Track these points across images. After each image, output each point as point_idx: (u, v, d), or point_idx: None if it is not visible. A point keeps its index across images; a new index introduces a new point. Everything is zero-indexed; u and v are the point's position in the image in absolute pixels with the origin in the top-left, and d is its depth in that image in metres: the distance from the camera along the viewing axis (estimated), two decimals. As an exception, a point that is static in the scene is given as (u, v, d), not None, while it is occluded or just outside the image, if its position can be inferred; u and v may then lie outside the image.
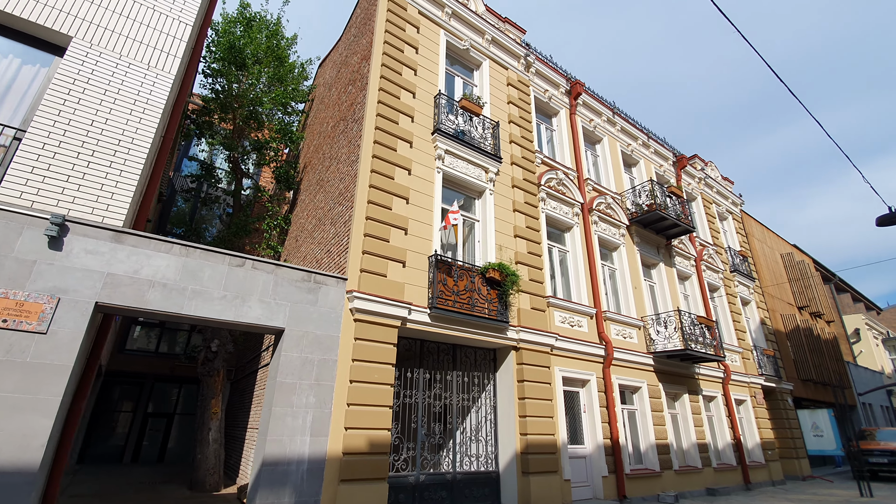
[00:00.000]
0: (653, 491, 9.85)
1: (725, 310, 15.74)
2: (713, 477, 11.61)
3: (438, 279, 7.87)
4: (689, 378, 12.48)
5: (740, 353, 15.01)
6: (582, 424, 9.54)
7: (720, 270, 16.25)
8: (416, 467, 7.32)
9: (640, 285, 12.53)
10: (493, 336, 8.37)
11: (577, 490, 8.72)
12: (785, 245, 23.47)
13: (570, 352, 9.64)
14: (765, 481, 13.34)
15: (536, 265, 9.73)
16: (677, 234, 13.89)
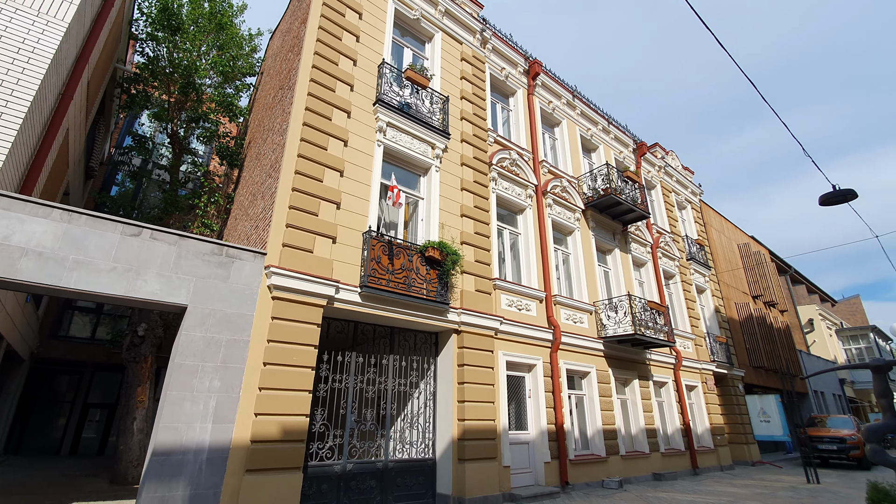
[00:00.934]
0: (597, 476, 9.72)
1: (680, 297, 15.83)
2: (660, 462, 11.62)
3: (372, 257, 7.39)
4: (640, 363, 12.43)
5: (693, 340, 15.14)
6: (526, 410, 9.29)
7: (676, 258, 16.33)
8: (343, 456, 6.88)
9: (594, 270, 12.36)
10: (432, 318, 7.97)
11: (518, 476, 8.47)
12: (742, 236, 23.95)
13: (517, 336, 9.35)
14: (713, 466, 13.51)
15: (483, 246, 9.36)
16: (633, 219, 13.79)
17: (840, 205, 7.33)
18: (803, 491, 10.04)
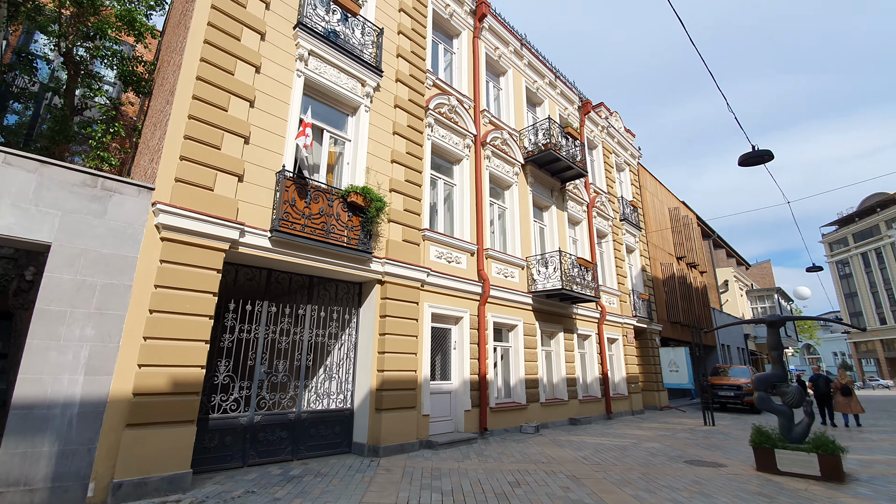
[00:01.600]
0: (517, 423, 10.13)
1: (611, 256, 16.42)
2: (578, 408, 12.34)
3: (286, 199, 6.77)
4: (567, 317, 12.88)
5: (619, 297, 15.89)
6: (450, 361, 9.33)
7: (610, 218, 16.78)
8: (250, 408, 6.55)
9: (530, 226, 12.38)
10: (354, 268, 7.57)
11: (438, 424, 8.59)
12: (674, 200, 25.10)
13: (445, 288, 9.21)
14: (626, 411, 14.62)
15: (414, 195, 8.94)
16: (571, 177, 13.83)
17: (757, 165, 7.56)
18: (700, 432, 11.06)
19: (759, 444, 6.73)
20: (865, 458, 7.75)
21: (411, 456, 7.18)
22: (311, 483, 5.54)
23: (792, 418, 6.83)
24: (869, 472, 6.61)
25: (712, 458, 7.53)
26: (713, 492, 5.45)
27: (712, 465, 6.99)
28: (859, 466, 7.05)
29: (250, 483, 5.47)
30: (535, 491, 5.37)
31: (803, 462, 6.30)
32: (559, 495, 5.20)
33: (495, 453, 7.60)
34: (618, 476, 6.19)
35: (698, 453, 8.03)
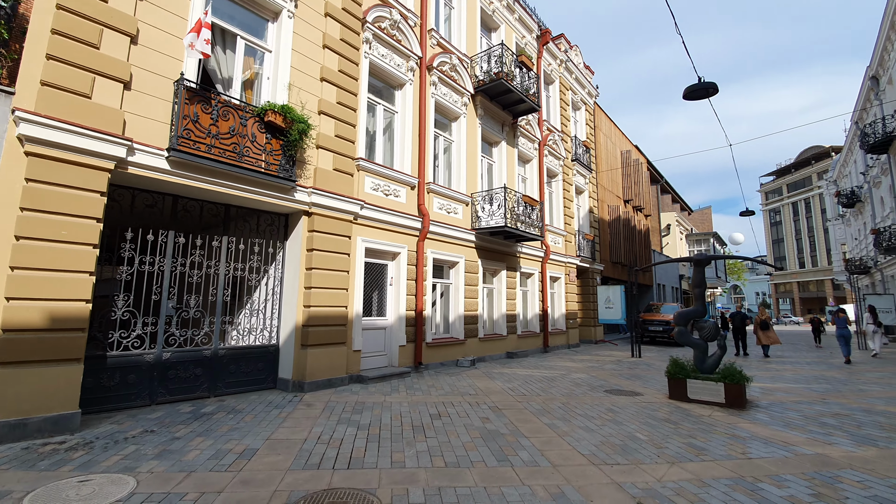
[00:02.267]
0: (453, 357, 10.27)
1: (559, 196, 16.38)
2: (516, 343, 12.72)
3: (187, 114, 5.90)
4: (511, 255, 12.89)
5: (564, 236, 16.08)
6: (387, 297, 9.11)
7: (562, 158, 16.55)
8: (157, 344, 6.07)
9: (477, 162, 11.90)
10: (275, 197, 6.91)
11: (372, 359, 8.50)
12: (627, 143, 25.17)
13: (381, 222, 8.76)
14: (562, 345, 15.32)
15: (347, 120, 8.16)
16: (524, 111, 13.25)
17: (702, 98, 7.34)
18: (626, 363, 11.73)
19: (674, 374, 7.09)
20: (768, 387, 8.44)
21: (339, 391, 7.07)
22: (221, 420, 5.28)
23: (706, 351, 7.20)
24: (769, 399, 7.18)
25: (631, 388, 7.94)
26: (624, 419, 5.69)
27: (630, 394, 7.36)
28: (761, 394, 7.65)
29: (153, 422, 5.13)
30: (454, 422, 5.38)
31: (711, 390, 6.71)
32: (477, 426, 5.24)
33: (425, 386, 7.64)
34: (539, 406, 6.35)
35: (620, 383, 8.46)
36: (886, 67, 19.07)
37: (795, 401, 7.05)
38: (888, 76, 19.12)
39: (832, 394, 7.68)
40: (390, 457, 4.17)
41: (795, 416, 5.94)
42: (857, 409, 6.39)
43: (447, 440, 4.69)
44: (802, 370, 11.04)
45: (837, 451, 4.43)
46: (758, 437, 4.97)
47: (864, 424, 5.52)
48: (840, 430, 5.23)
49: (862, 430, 5.23)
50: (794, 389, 8.09)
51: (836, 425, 5.48)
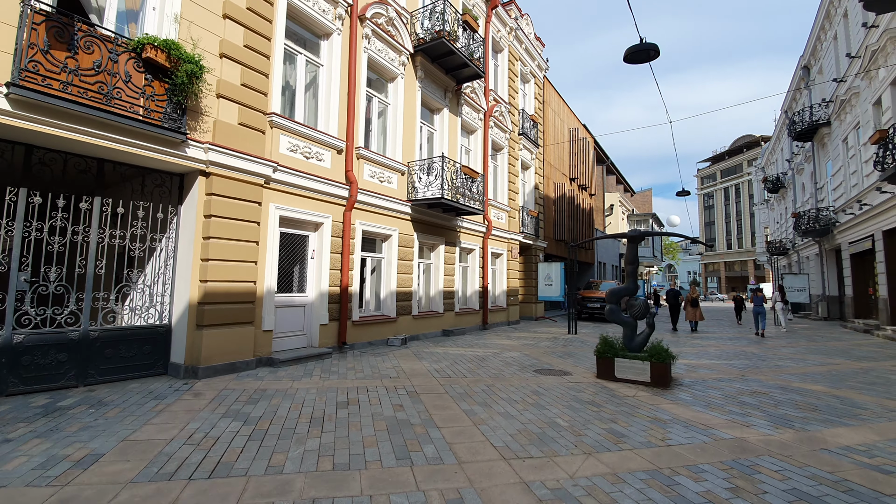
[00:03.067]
0: (384, 335, 9.68)
1: (504, 170, 15.94)
2: (453, 320, 12.33)
3: (35, 42, 4.70)
4: (450, 230, 12.34)
5: (508, 212, 15.73)
6: (307, 271, 8.29)
7: (508, 131, 16.04)
8: (5, 325, 4.98)
9: (416, 128, 11.09)
10: (157, 151, 5.84)
11: (287, 340, 7.72)
12: (575, 121, 25.12)
13: (300, 188, 7.85)
14: (502, 322, 15.16)
15: (258, 68, 7.09)
16: (468, 77, 12.50)
17: (643, 62, 6.95)
18: (561, 340, 11.67)
19: (602, 353, 6.89)
20: (693, 363, 8.53)
21: (241, 377, 6.27)
22: (77, 416, 4.38)
23: (635, 329, 7.04)
24: (692, 377, 7.17)
25: (561, 367, 7.72)
26: (548, 402, 5.36)
27: (559, 374, 7.11)
28: (686, 371, 7.67)
29: (-19, 421, 4.15)
30: (362, 412, 4.80)
31: (638, 369, 6.56)
32: (386, 416, 4.69)
33: (344, 369, 7.00)
34: (461, 389, 5.91)
35: (551, 362, 8.24)
36: (818, 57, 19.93)
37: (717, 378, 7.08)
38: (819, 66, 20.01)
39: (751, 370, 7.84)
40: (269, 459, 3.52)
41: (716, 395, 5.88)
42: (774, 387, 6.47)
43: (346, 435, 4.10)
44: (725, 346, 11.45)
45: (755, 435, 4.28)
46: (679, 419, 4.78)
47: (780, 403, 5.51)
48: (758, 410, 5.16)
49: (779, 410, 5.19)
50: (717, 366, 8.21)
51: (755, 404, 5.43)
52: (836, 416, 4.94)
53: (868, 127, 14.20)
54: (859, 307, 17.46)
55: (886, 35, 11.70)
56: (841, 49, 16.64)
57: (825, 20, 18.00)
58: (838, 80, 16.78)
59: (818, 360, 8.91)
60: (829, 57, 18.38)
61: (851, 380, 6.97)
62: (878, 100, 13.33)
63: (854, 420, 4.81)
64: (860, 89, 14.75)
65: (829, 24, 17.82)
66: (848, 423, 4.70)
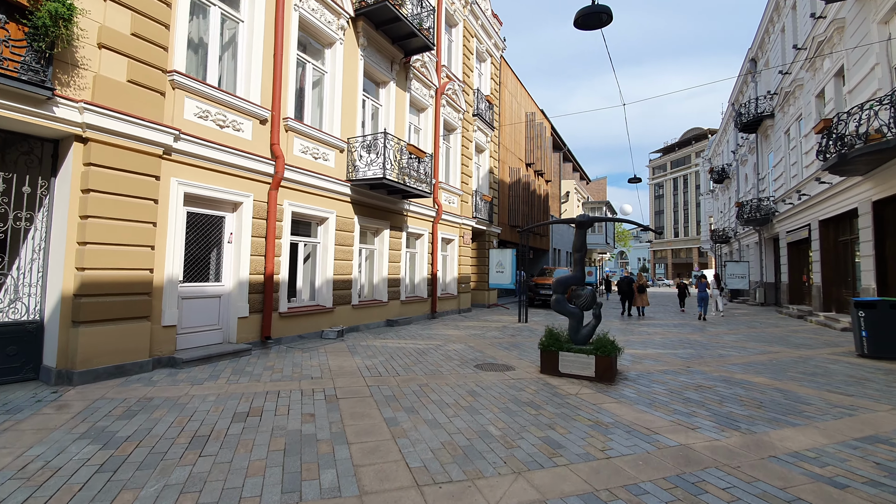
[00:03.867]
0: (318, 327, 8.87)
1: (457, 152, 15.26)
2: (399, 309, 11.65)
3: None
4: (397, 214, 11.57)
5: (460, 196, 15.11)
6: (223, 257, 7.32)
7: (462, 111, 15.32)
8: None
9: (357, 100, 10.16)
10: (8, 109, 4.71)
11: (197, 336, 6.78)
12: (532, 105, 24.72)
13: (212, 162, 6.83)
14: (452, 310, 14.65)
15: (155, 16, 5.97)
16: (417, 49, 11.63)
17: (595, 28, 6.42)
18: (510, 329, 11.29)
19: (547, 346, 6.44)
20: (639, 353, 8.31)
21: (130, 381, 5.34)
22: None
23: (581, 320, 6.63)
24: (638, 369, 6.87)
25: (505, 360, 7.25)
26: (484, 405, 4.82)
27: (501, 369, 6.62)
28: (631, 362, 7.39)
29: None
30: (262, 426, 4.05)
31: (582, 363, 6.15)
32: (290, 430, 3.97)
33: (260, 369, 6.18)
34: (390, 391, 5.26)
35: (496, 355, 7.76)
36: (765, 50, 20.38)
37: (662, 370, 6.83)
38: (766, 59, 20.48)
39: (695, 360, 7.69)
40: (111, 502, 2.73)
41: (661, 391, 5.56)
42: (718, 379, 6.26)
43: (229, 459, 3.35)
44: (670, 333, 11.46)
45: (701, 441, 3.90)
46: (622, 422, 4.36)
47: (725, 399, 5.24)
48: (703, 409, 4.84)
49: (724, 407, 4.90)
50: (662, 356, 8.02)
51: (700, 401, 5.13)
52: (781, 414, 4.68)
53: (810, 119, 14.57)
54: (793, 293, 18.29)
55: (833, 26, 11.85)
56: (788, 41, 16.99)
57: (774, 12, 18.33)
58: (783, 73, 17.17)
59: (759, 349, 8.95)
60: (776, 49, 18.80)
61: (792, 370, 6.90)
62: (822, 91, 13.63)
63: (799, 418, 4.57)
64: (804, 81, 15.09)
65: (778, 17, 18.16)
66: (794, 422, 4.44)
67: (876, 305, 7.50)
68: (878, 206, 10.59)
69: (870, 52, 10.23)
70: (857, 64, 10.97)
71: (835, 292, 14.08)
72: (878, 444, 3.86)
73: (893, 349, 7.43)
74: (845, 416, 4.60)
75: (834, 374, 6.56)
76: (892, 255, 10.39)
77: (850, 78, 11.45)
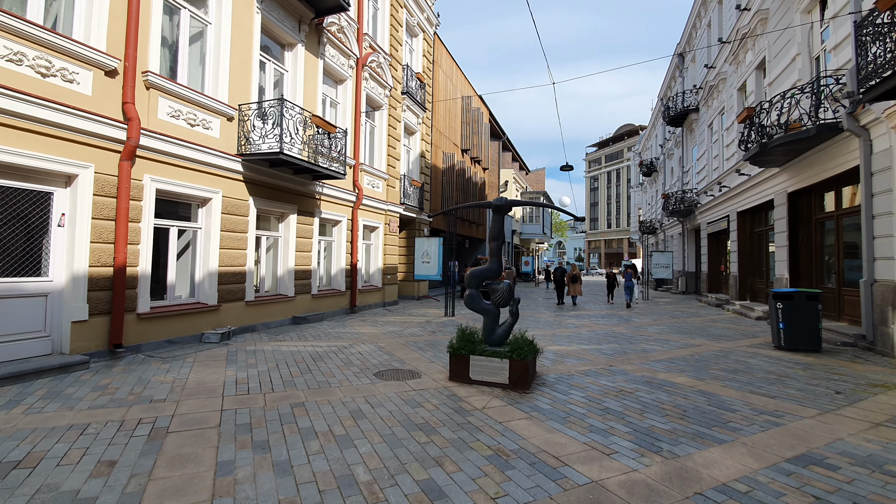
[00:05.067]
0: (197, 329, 7.45)
1: (383, 132, 14.03)
2: (309, 304, 10.37)
3: None
4: (306, 197, 10.22)
5: (386, 180, 13.94)
6: (50, 245, 5.72)
7: (389, 87, 14.08)
8: None
9: (252, 62, 8.66)
10: None
11: (10, 347, 5.19)
12: (469, 89, 23.87)
13: (26, 120, 5.20)
14: (377, 303, 13.55)
15: None
16: (330, 9, 10.22)
17: None
18: (433, 324, 10.43)
19: (457, 349, 5.57)
20: (563, 350, 7.72)
21: None
22: None
23: (497, 318, 5.83)
24: (559, 371, 6.21)
25: (414, 364, 6.32)
26: (363, 432, 3.82)
27: (405, 377, 5.67)
28: (553, 362, 6.74)
29: None
30: (26, 485, 2.78)
31: (495, 369, 5.34)
32: (63, 490, 2.73)
33: (87, 389, 4.78)
34: (249, 417, 4.12)
35: (406, 357, 6.81)
36: (692, 45, 20.84)
37: (584, 371, 6.21)
38: (692, 54, 20.96)
39: (619, 357, 7.20)
40: None
41: (579, 400, 4.87)
42: (641, 381, 5.71)
43: None
44: (598, 325, 11.14)
45: (616, 474, 3.16)
46: (528, 448, 3.55)
47: (646, 408, 4.63)
48: (622, 424, 4.17)
49: (645, 420, 4.25)
50: (586, 353, 7.47)
51: (619, 412, 4.47)
52: (706, 426, 4.11)
53: (732, 112, 14.87)
54: (712, 282, 19.02)
55: (758, 17, 11.92)
56: (714, 36, 17.32)
57: (701, 7, 18.65)
58: (708, 66, 17.52)
59: (681, 342, 8.71)
60: (702, 44, 19.21)
61: (714, 366, 6.55)
62: (744, 84, 13.86)
63: (725, 430, 4.01)
64: (727, 75, 15.38)
65: (705, 11, 18.51)
66: (720, 437, 3.86)
67: (794, 297, 7.37)
68: (793, 197, 10.80)
69: (791, 43, 10.27)
70: (779, 56, 11.06)
71: (750, 282, 14.57)
72: (812, 466, 3.31)
73: (809, 341, 7.35)
74: (772, 427, 4.10)
75: (755, 371, 6.26)
76: (804, 246, 10.64)
77: (771, 70, 11.58)
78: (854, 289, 8.86)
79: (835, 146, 8.49)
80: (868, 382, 5.57)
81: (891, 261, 6.93)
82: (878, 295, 7.13)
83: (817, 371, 6.20)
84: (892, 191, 6.87)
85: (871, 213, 7.36)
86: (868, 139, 7.39)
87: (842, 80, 7.93)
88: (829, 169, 8.90)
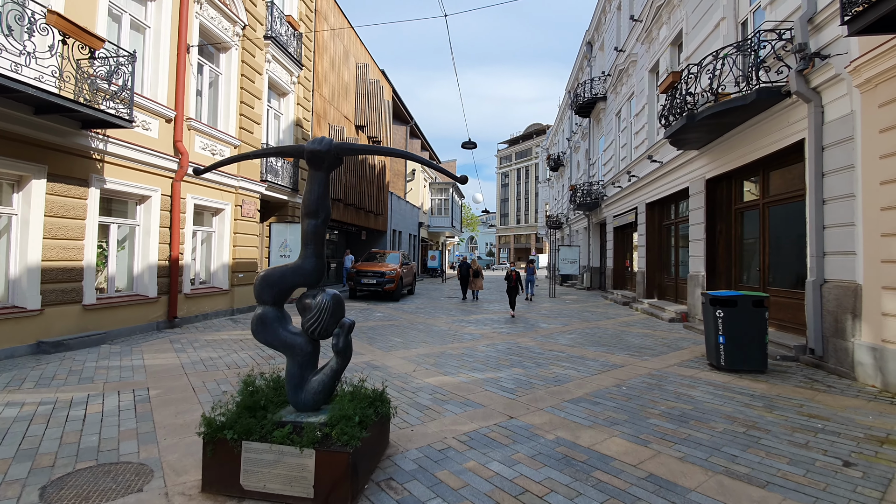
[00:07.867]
0: None
1: (233, 84, 10.60)
2: (72, 322, 6.80)
3: None
4: (67, 153, 6.64)
5: (237, 147, 10.55)
6: None
7: (241, 24, 10.66)
8: None
9: None
10: None
11: None
12: (365, 56, 20.82)
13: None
14: (220, 311, 10.16)
15: None
16: None
17: None
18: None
19: (216, 430, 2.81)
20: (447, 384, 5.31)
21: None
22: None
23: (310, 360, 3.18)
24: (428, 435, 3.75)
25: (164, 445, 3.43)
26: None
27: (113, 490, 2.77)
28: (425, 413, 4.28)
29: None
30: None
31: (289, 470, 2.68)
32: None
33: None
34: None
35: (169, 424, 3.88)
36: (601, 31, 19.91)
37: (468, 435, 3.80)
38: (601, 42, 20.05)
39: (524, 395, 4.95)
40: None
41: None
42: (556, 460, 3.42)
43: None
44: (499, 335, 9.02)
45: None
46: None
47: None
48: None
49: None
50: (478, 390, 5.13)
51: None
52: None
53: (643, 96, 13.76)
54: (617, 279, 18.26)
55: (675, -18, 10.59)
56: (625, 18, 16.27)
57: (610, -12, 17.61)
58: (619, 49, 16.48)
59: (599, 360, 6.78)
60: (611, 29, 18.25)
61: (652, 409, 4.53)
62: (656, 64, 12.70)
63: None
64: (638, 56, 14.27)
65: (614, -8, 17.49)
66: None
67: (737, 303, 5.70)
68: (711, 184, 9.58)
69: (715, 6, 8.93)
70: (699, 25, 9.77)
71: (658, 279, 13.62)
72: None
73: (754, 360, 5.74)
74: None
75: (709, 417, 4.32)
76: (723, 239, 9.47)
77: (689, 43, 10.32)
78: (782, 289, 7.66)
79: (771, 119, 7.12)
80: (867, 436, 3.85)
81: (849, 256, 5.51)
82: (831, 300, 5.71)
83: (786, 412, 4.44)
84: (853, 167, 5.43)
85: (822, 198, 5.95)
86: (819, 104, 5.97)
87: (785, 36, 6.48)
88: (759, 148, 7.57)
